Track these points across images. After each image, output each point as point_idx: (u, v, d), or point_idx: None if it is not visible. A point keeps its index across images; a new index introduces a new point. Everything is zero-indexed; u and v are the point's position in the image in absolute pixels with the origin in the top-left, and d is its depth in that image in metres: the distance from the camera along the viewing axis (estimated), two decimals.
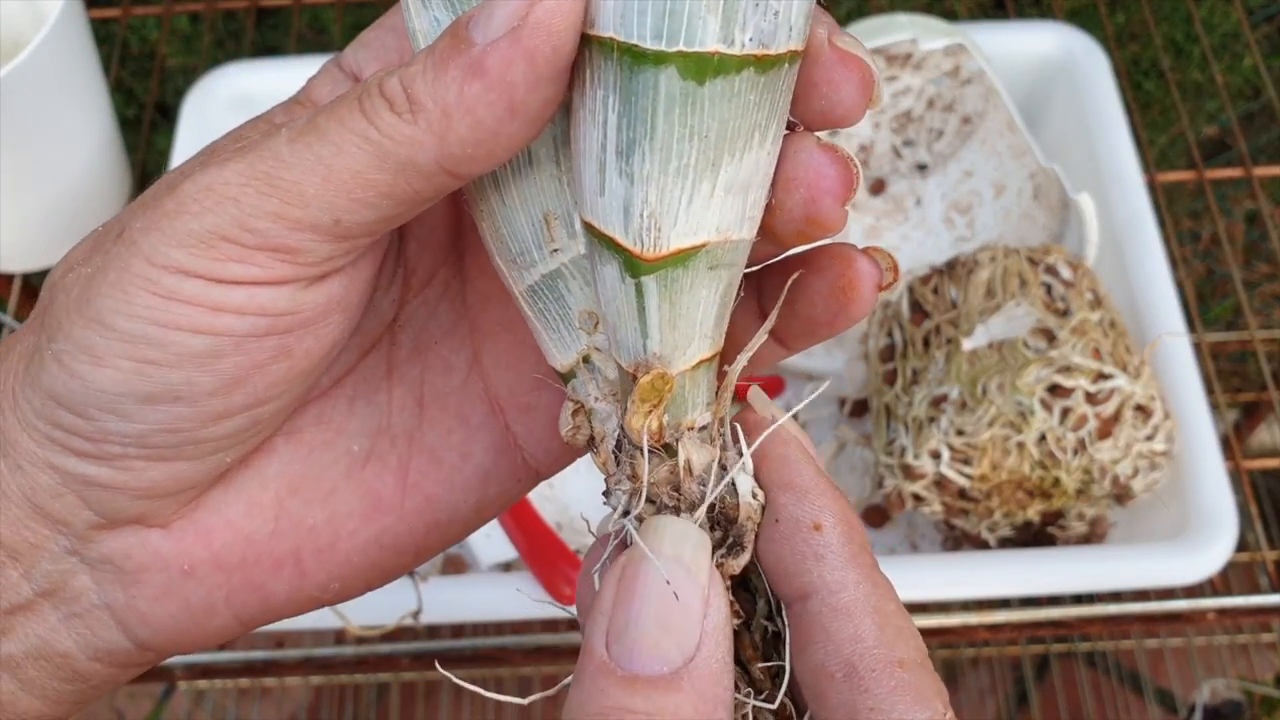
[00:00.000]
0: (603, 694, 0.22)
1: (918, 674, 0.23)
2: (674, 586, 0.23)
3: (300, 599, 0.29)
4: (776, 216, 0.25)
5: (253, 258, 0.24)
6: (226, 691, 1.14)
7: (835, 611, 0.24)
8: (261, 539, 0.28)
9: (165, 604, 0.27)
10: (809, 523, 0.24)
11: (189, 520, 0.27)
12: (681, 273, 0.24)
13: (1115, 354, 0.62)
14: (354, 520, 0.29)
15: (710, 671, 0.22)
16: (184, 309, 0.24)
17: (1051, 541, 0.68)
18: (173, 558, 0.27)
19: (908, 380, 0.66)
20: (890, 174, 0.84)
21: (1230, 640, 1.12)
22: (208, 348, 0.24)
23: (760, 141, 0.24)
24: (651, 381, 0.25)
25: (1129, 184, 0.74)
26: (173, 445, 0.25)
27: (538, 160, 0.26)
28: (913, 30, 0.73)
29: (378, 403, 0.29)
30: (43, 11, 0.70)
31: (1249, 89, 1.08)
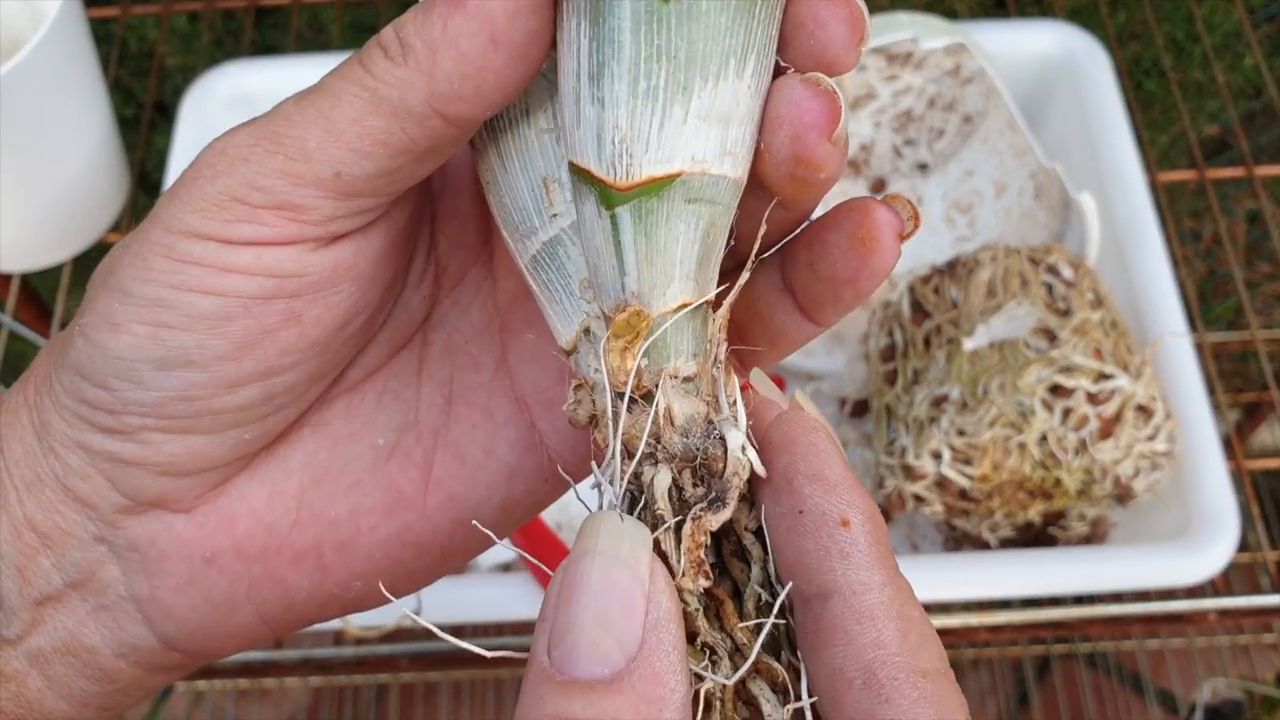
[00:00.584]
0: (541, 702, 0.21)
1: (941, 685, 0.22)
2: (612, 582, 0.21)
3: (321, 597, 0.29)
4: (766, 162, 0.24)
5: (260, 217, 0.24)
6: (225, 692, 1.14)
7: (858, 614, 0.22)
8: (283, 529, 0.28)
9: (188, 594, 0.28)
10: (836, 517, 0.23)
11: (212, 506, 0.28)
12: (656, 203, 0.24)
13: (1116, 354, 0.62)
14: (375, 515, 0.29)
15: (653, 670, 0.21)
16: (194, 270, 0.25)
17: (1053, 542, 0.68)
18: (195, 544, 0.27)
19: (908, 380, 0.66)
20: (891, 173, 0.84)
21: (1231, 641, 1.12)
22: (216, 309, 0.25)
23: (737, 71, 0.23)
24: (627, 318, 0.24)
25: (1130, 183, 0.74)
26: (188, 415, 0.26)
27: (535, 123, 0.26)
28: (913, 29, 0.72)
29: (406, 398, 0.29)
30: (41, 11, 0.70)
31: (1250, 88, 1.08)
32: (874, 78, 0.80)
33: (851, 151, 0.83)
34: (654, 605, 0.22)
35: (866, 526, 0.23)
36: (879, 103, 0.81)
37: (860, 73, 0.80)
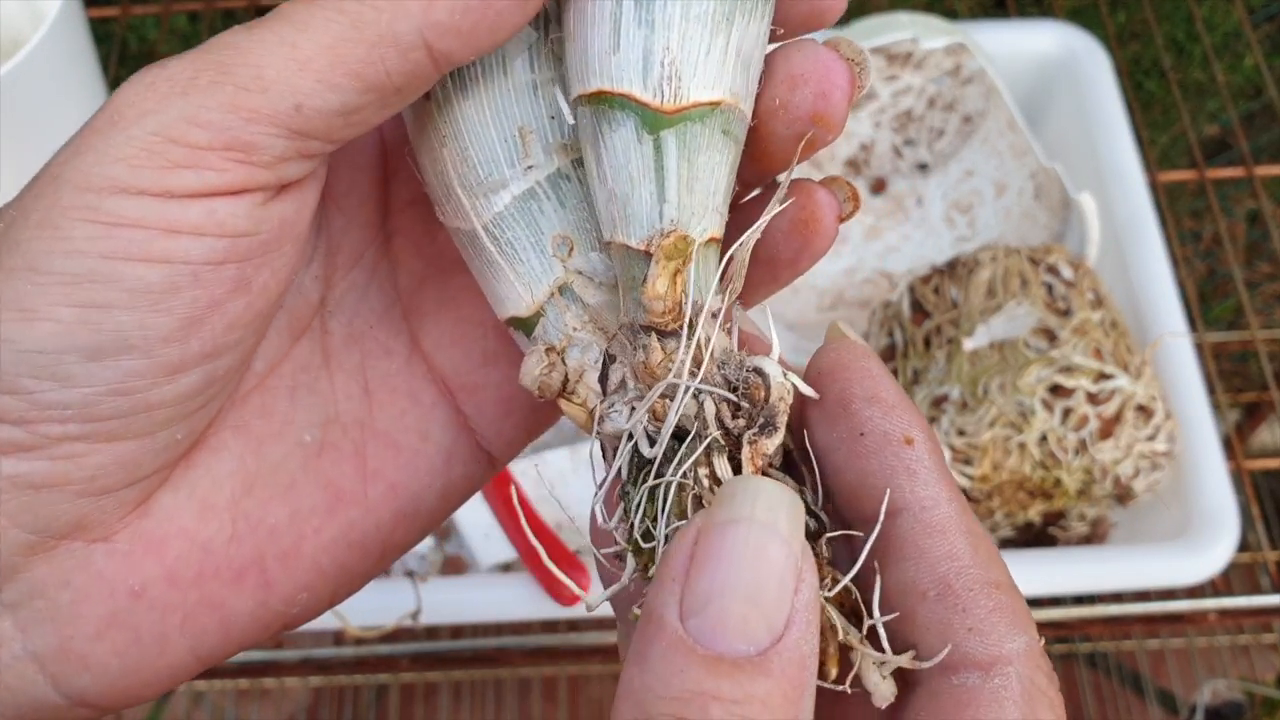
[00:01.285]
0: (682, 675, 0.19)
1: (1014, 597, 0.22)
2: (768, 555, 0.20)
3: (265, 617, 0.26)
4: (780, 118, 0.24)
5: (205, 160, 0.21)
6: (225, 692, 1.14)
7: (928, 528, 0.22)
8: (219, 546, 0.25)
9: (110, 639, 0.24)
10: (899, 436, 0.23)
11: (136, 531, 0.24)
12: (700, 129, 0.23)
13: (1116, 354, 0.62)
14: (317, 516, 0.26)
15: (800, 655, 0.20)
16: (132, 234, 0.21)
17: (1053, 542, 0.68)
18: (119, 578, 0.24)
19: (908, 380, 0.66)
20: (891, 173, 0.84)
21: (1231, 641, 1.11)
22: (163, 280, 0.21)
23: (764, 13, 0.24)
24: (674, 242, 0.24)
25: (1130, 183, 0.74)
26: (122, 414, 0.22)
27: (513, 72, 0.25)
28: (913, 29, 0.72)
29: (320, 390, 0.27)
30: (41, 10, 0.70)
31: (1250, 88, 1.08)
32: (874, 78, 0.80)
33: (851, 151, 0.83)
34: (805, 584, 0.20)
35: (928, 445, 0.23)
36: (879, 103, 0.81)
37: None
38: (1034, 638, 0.22)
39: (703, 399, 0.24)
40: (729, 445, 0.24)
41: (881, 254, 0.82)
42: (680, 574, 0.20)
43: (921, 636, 0.22)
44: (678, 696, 0.19)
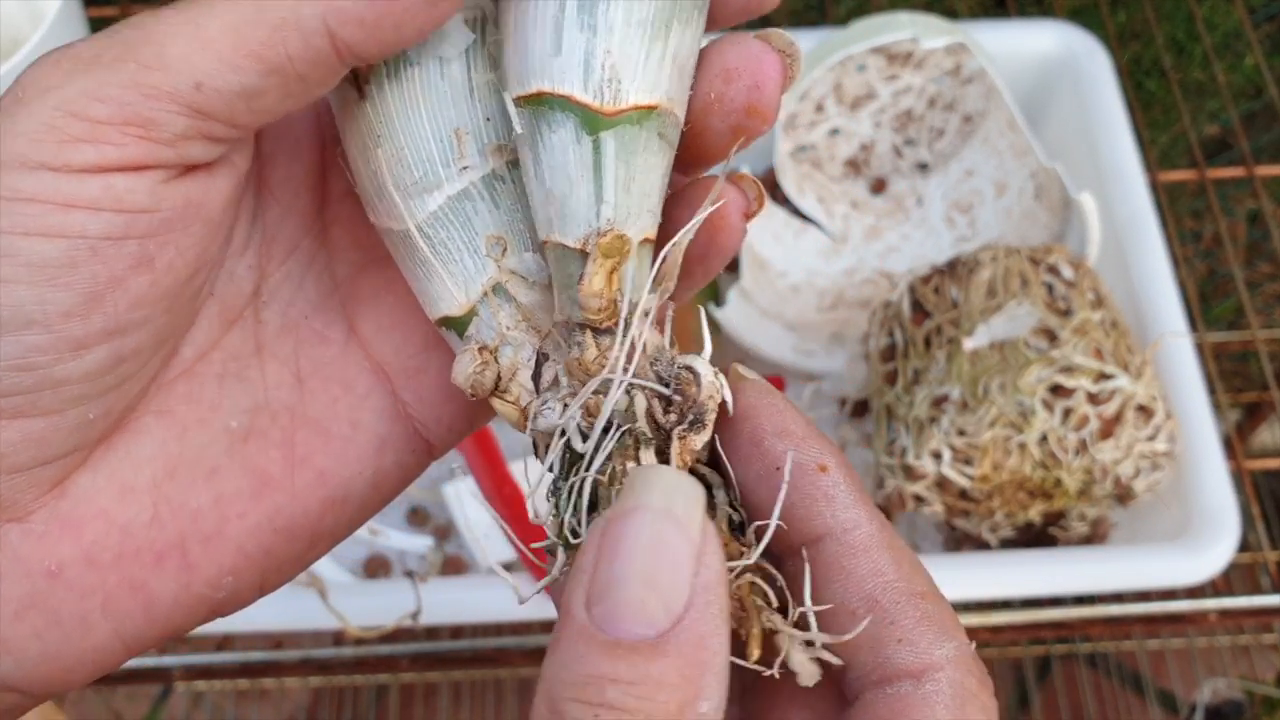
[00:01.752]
0: (582, 661, 0.20)
1: (939, 604, 0.23)
2: (664, 540, 0.21)
3: (189, 600, 0.25)
4: (715, 111, 0.25)
5: (103, 134, 0.22)
6: (225, 693, 1.14)
7: (851, 549, 0.23)
8: (139, 528, 0.25)
9: (28, 620, 0.24)
10: (814, 465, 0.24)
11: (51, 511, 0.24)
12: (637, 132, 0.24)
13: (1117, 354, 0.62)
14: (242, 501, 0.26)
15: (698, 635, 0.20)
16: (28, 208, 0.21)
17: (1053, 542, 0.68)
18: (35, 559, 0.24)
19: (909, 380, 0.66)
20: (891, 173, 0.84)
21: (1232, 641, 1.11)
22: (61, 254, 0.22)
23: (698, 20, 0.25)
24: (610, 240, 0.24)
25: (1131, 183, 0.74)
26: (28, 391, 0.22)
27: (450, 73, 0.26)
28: (914, 29, 0.72)
29: (250, 379, 0.27)
30: (40, 10, 0.70)
31: (1251, 88, 1.08)
32: (874, 77, 0.80)
33: (852, 151, 0.83)
34: (705, 566, 0.21)
35: (842, 470, 0.24)
36: (879, 102, 0.81)
37: (861, 72, 0.80)
38: (963, 642, 0.23)
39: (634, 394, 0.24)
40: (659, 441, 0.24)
41: (882, 254, 0.82)
42: (589, 565, 0.21)
43: (854, 654, 0.23)
44: (578, 681, 0.20)
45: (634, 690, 0.20)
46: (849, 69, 0.79)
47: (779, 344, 0.77)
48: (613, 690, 0.20)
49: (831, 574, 0.23)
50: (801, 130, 0.81)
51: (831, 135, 0.82)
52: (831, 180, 0.84)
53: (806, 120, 0.81)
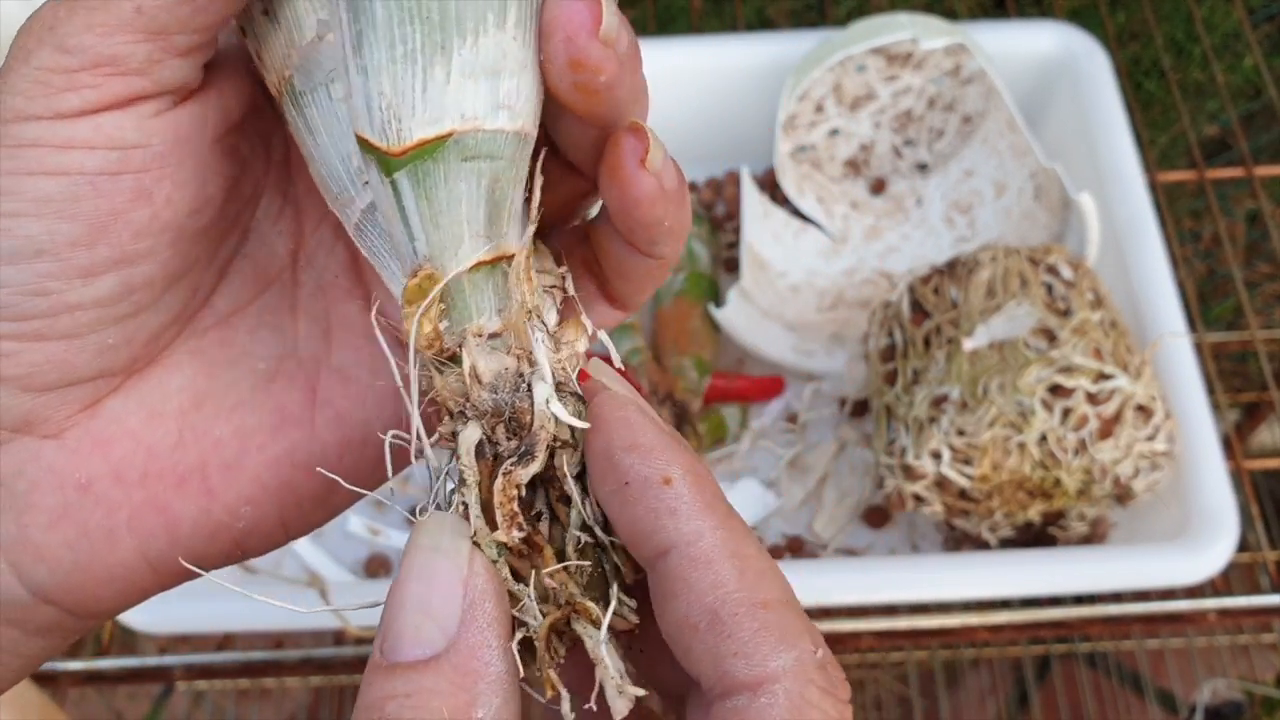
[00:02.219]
0: (370, 687, 0.22)
1: (783, 613, 0.23)
2: (432, 571, 0.23)
3: (209, 526, 0.27)
4: (551, 75, 0.25)
5: (80, 80, 0.24)
6: (225, 692, 1.14)
7: (694, 561, 0.23)
8: (164, 451, 0.27)
9: (61, 529, 0.26)
10: (658, 479, 0.24)
11: (84, 429, 0.26)
12: (432, 165, 0.24)
13: (1116, 354, 0.62)
14: (262, 434, 0.28)
15: (469, 646, 0.22)
16: (31, 152, 0.24)
17: (1052, 542, 0.68)
18: (67, 471, 0.26)
19: (908, 380, 0.66)
20: (891, 174, 0.84)
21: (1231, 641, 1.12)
22: (63, 190, 0.24)
23: (498, 24, 0.24)
24: (419, 282, 0.25)
25: (1130, 184, 0.74)
26: (44, 314, 0.25)
27: (335, 93, 0.26)
28: (913, 30, 0.72)
29: (283, 330, 0.29)
30: None
31: (1250, 88, 1.08)
32: (874, 78, 0.80)
33: (851, 151, 0.84)
34: (470, 586, 0.23)
35: (688, 479, 0.24)
36: (879, 103, 0.81)
37: (860, 73, 0.80)
38: (807, 650, 0.23)
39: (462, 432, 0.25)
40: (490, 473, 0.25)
41: (881, 254, 0.82)
42: (385, 609, 0.23)
43: (698, 668, 0.23)
44: (365, 705, 0.22)
45: (409, 702, 0.22)
46: (849, 69, 0.79)
47: (779, 344, 0.77)
48: (391, 705, 0.22)
49: (676, 588, 0.23)
50: (801, 130, 0.81)
51: (831, 136, 0.82)
52: (831, 180, 0.84)
53: (806, 121, 0.81)
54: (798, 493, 0.74)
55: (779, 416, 0.77)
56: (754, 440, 0.76)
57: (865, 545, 0.72)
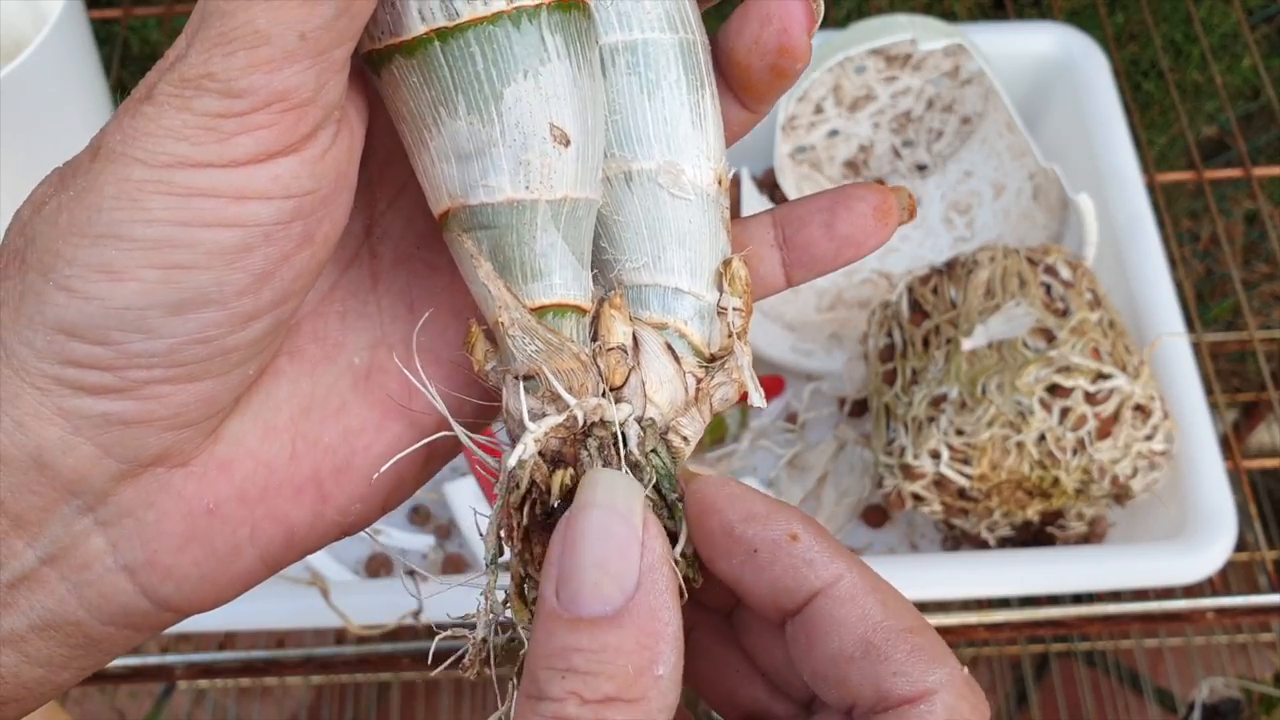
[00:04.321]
0: (551, 637, 0.23)
1: (928, 637, 0.25)
2: (609, 530, 0.24)
3: (322, 527, 0.29)
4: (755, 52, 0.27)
5: (255, 121, 0.23)
6: (227, 691, 1.14)
7: (840, 600, 0.25)
8: (281, 465, 0.28)
9: (189, 552, 0.27)
10: (785, 537, 0.26)
11: (209, 455, 0.27)
12: (450, 237, 0.27)
13: (1114, 354, 0.63)
14: (368, 433, 0.29)
15: (649, 607, 0.24)
16: (206, 203, 0.23)
17: (1051, 541, 0.68)
18: (196, 498, 0.27)
19: (907, 380, 0.66)
20: (890, 174, 0.84)
21: (1229, 639, 1.12)
22: (238, 242, 0.24)
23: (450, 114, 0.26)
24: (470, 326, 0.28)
25: (1128, 184, 0.74)
26: (202, 359, 0.25)
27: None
28: (912, 31, 0.73)
29: (368, 314, 0.29)
30: (44, 12, 0.71)
31: (1248, 89, 1.09)
32: (873, 79, 0.81)
33: (850, 153, 0.84)
34: (648, 550, 0.24)
35: (812, 531, 0.26)
36: (878, 104, 0.82)
37: (859, 74, 0.80)
38: (955, 668, 0.25)
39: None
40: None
41: (880, 254, 0.83)
42: (555, 558, 0.24)
43: (858, 693, 0.25)
44: (548, 654, 0.23)
45: (595, 657, 0.23)
46: (848, 70, 0.80)
47: (778, 344, 0.77)
48: (578, 658, 0.23)
49: (827, 627, 0.25)
50: (801, 131, 0.82)
51: (830, 136, 0.83)
52: (831, 181, 0.84)
53: (806, 121, 0.81)
54: (797, 492, 0.74)
55: (778, 416, 0.78)
56: (754, 440, 0.76)
57: (864, 544, 0.72)
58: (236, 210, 0.24)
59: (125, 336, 0.24)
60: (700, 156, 0.28)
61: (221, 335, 0.25)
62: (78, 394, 0.24)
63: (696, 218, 0.28)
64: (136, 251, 0.23)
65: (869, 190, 0.29)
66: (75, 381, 0.24)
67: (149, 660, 0.67)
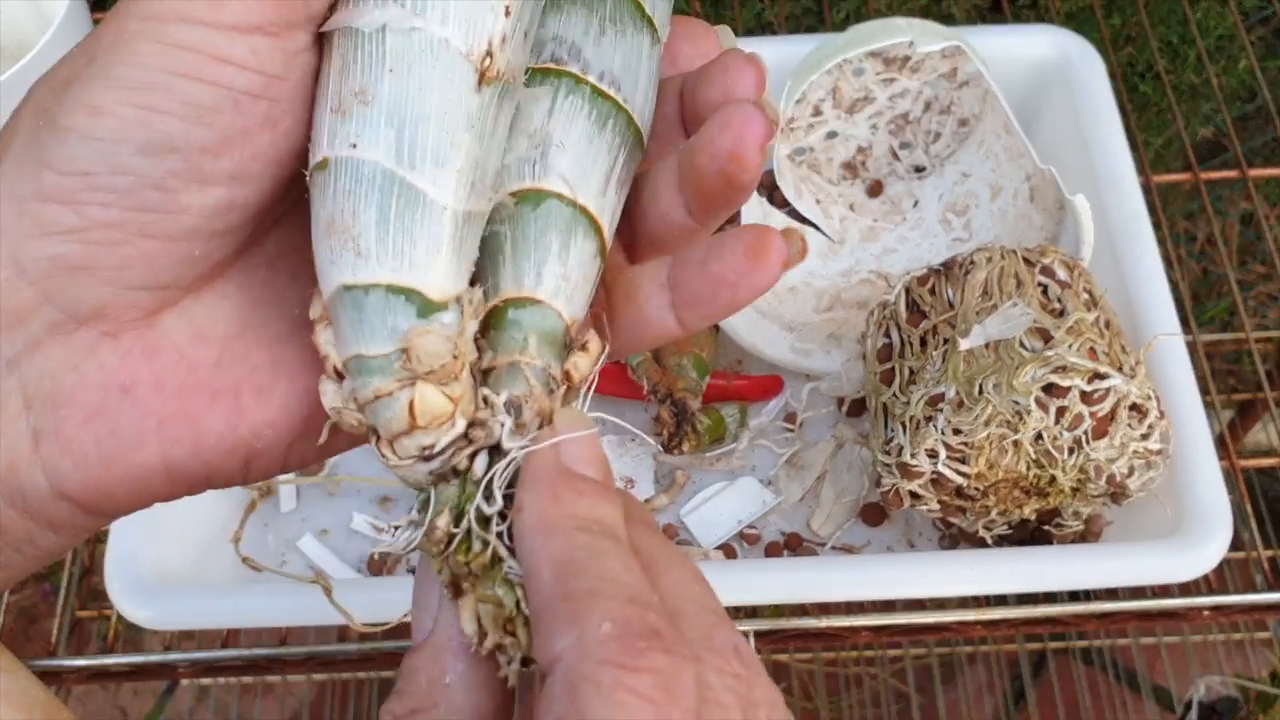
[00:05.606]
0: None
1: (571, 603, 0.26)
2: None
3: (231, 442, 0.29)
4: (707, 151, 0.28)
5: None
6: (229, 688, 1.14)
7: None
8: (204, 368, 0.29)
9: (94, 426, 0.28)
10: None
11: (138, 336, 0.28)
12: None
13: (1111, 354, 0.63)
14: (295, 366, 0.29)
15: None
16: (188, 56, 0.26)
17: (1048, 540, 0.69)
18: (115, 372, 0.28)
19: (905, 380, 0.67)
20: (888, 176, 0.85)
21: (1226, 637, 1.12)
22: (210, 99, 0.26)
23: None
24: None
25: (1125, 185, 0.74)
26: (155, 209, 0.26)
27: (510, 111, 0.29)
28: (910, 33, 0.73)
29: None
30: (48, 13, 0.71)
31: (1244, 91, 1.09)
32: (871, 81, 0.81)
33: (848, 154, 0.84)
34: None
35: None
36: (875, 106, 0.82)
37: (858, 76, 0.81)
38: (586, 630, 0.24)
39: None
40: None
41: (879, 255, 0.83)
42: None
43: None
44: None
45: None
46: (846, 73, 0.80)
47: (777, 344, 0.78)
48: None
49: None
50: (799, 133, 0.82)
51: (829, 138, 0.83)
52: (829, 183, 0.84)
53: (804, 124, 0.82)
54: (796, 490, 0.75)
55: (777, 415, 0.78)
56: (753, 439, 0.77)
57: (863, 542, 0.73)
58: (214, 70, 0.26)
59: (93, 166, 0.26)
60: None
61: (178, 188, 0.26)
62: (35, 234, 0.26)
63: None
64: (119, 90, 0.25)
65: (749, 230, 0.29)
66: (36, 215, 0.26)
67: (151, 658, 0.68)
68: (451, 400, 0.27)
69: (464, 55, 0.27)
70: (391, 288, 0.27)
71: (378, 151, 0.27)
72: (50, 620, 0.72)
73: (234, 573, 0.69)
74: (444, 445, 0.27)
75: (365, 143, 0.27)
